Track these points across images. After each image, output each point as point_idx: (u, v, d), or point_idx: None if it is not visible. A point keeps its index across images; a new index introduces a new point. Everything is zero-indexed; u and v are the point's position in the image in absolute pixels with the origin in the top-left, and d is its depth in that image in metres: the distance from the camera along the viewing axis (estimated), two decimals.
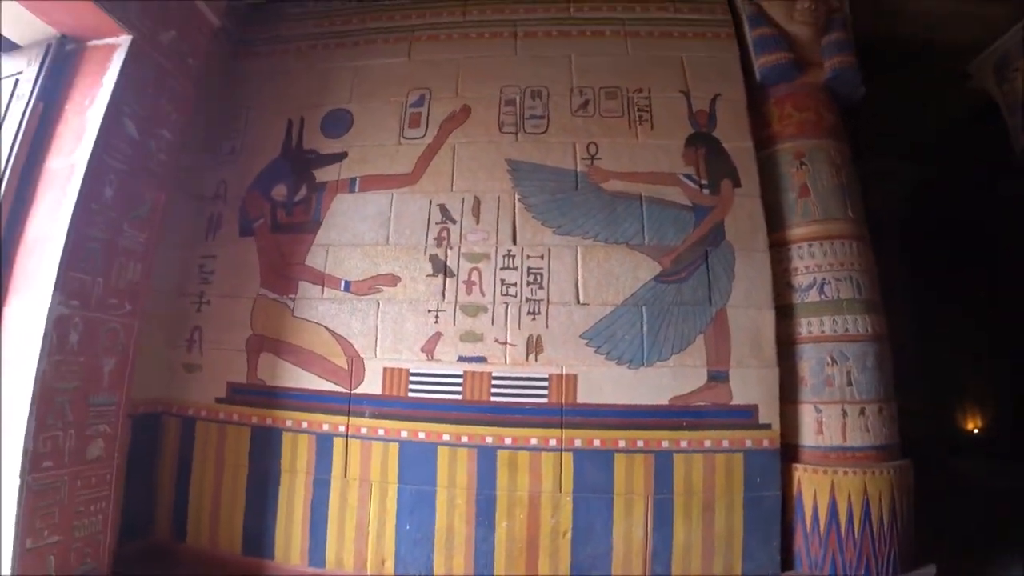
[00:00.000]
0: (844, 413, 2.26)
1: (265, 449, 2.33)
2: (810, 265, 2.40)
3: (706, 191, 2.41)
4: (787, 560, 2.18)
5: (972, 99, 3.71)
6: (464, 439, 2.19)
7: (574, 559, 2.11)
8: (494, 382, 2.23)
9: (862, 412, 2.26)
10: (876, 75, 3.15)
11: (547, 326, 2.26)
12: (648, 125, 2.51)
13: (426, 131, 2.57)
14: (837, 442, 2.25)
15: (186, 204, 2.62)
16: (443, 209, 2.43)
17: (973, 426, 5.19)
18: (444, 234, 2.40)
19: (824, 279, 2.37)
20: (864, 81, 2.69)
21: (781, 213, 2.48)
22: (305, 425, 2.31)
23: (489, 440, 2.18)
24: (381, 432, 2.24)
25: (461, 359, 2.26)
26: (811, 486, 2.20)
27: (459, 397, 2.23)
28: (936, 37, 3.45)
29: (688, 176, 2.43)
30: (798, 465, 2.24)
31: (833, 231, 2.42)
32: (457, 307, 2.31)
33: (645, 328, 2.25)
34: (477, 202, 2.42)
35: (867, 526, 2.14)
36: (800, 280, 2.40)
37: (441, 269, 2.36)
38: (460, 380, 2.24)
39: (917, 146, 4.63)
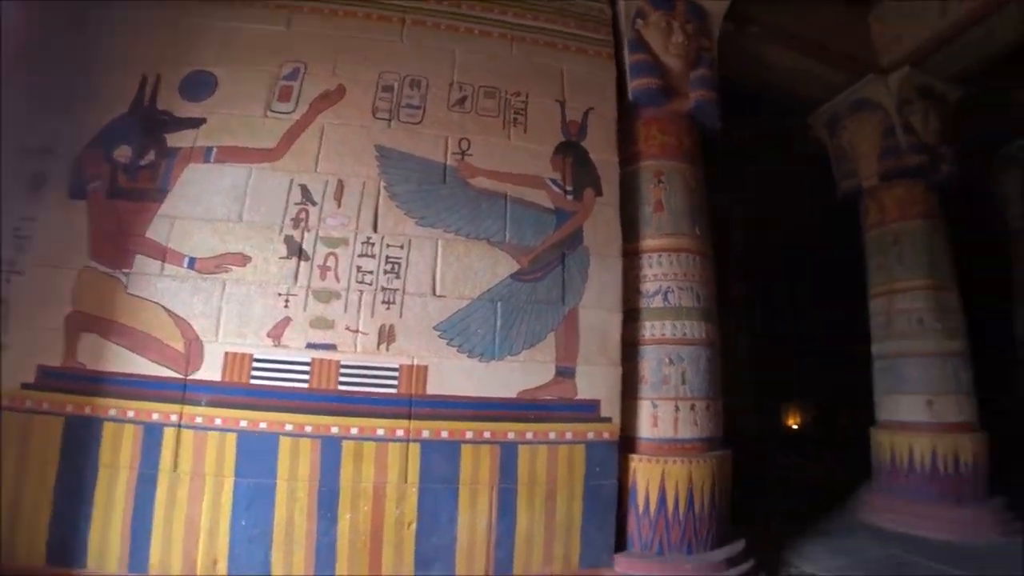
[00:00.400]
0: (677, 408, 2.51)
1: (81, 442, 2.07)
2: (658, 274, 2.64)
3: (570, 197, 2.55)
4: (621, 542, 2.37)
5: (817, 143, 4.34)
6: (308, 429, 2.11)
7: (418, 549, 2.12)
8: (343, 371, 2.17)
9: (692, 408, 2.53)
10: (742, 112, 3.57)
11: (401, 316, 2.25)
12: (522, 128, 2.59)
13: (296, 107, 2.44)
14: (669, 434, 2.48)
15: (4, 155, 2.25)
16: (304, 190, 2.33)
17: (793, 423, 6.18)
18: (303, 216, 2.29)
19: (669, 287, 2.61)
20: (724, 116, 3.00)
21: (637, 225, 2.70)
22: (131, 414, 2.09)
23: (335, 430, 2.12)
24: (218, 422, 2.09)
25: (310, 346, 2.18)
26: (645, 475, 2.41)
27: (305, 385, 2.14)
28: (792, 88, 4.00)
29: (554, 181, 2.55)
30: (634, 456, 2.44)
31: (681, 245, 2.68)
32: (310, 292, 2.22)
33: (499, 323, 2.32)
34: (341, 186, 2.35)
35: (691, 509, 2.39)
36: (648, 287, 2.63)
37: (296, 252, 2.25)
38: (307, 368, 2.15)
39: (767, 178, 5.40)
